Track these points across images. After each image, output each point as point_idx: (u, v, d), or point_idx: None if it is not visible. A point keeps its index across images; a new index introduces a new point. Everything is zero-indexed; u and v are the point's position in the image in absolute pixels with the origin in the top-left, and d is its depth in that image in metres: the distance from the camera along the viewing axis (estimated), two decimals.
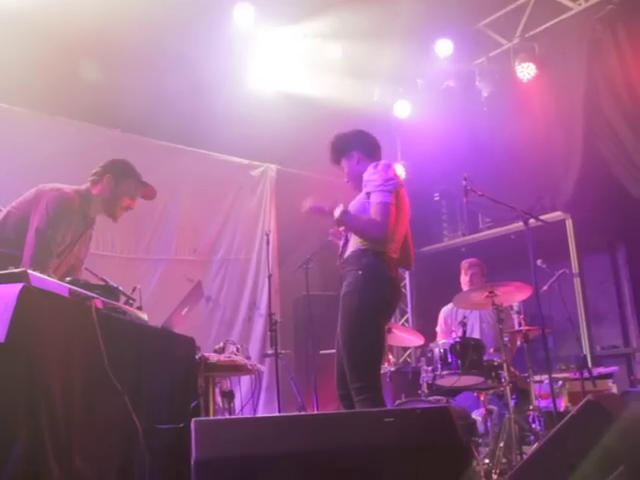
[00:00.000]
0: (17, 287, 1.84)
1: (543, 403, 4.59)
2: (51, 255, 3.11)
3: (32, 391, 1.81)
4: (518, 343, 4.97)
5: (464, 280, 5.26)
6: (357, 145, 3.54)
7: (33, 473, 1.75)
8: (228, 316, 6.33)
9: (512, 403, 4.17)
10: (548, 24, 6.21)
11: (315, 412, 4.55)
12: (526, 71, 6.26)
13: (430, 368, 4.39)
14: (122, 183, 3.41)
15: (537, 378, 4.57)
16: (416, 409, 2.11)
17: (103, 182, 3.39)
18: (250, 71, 6.27)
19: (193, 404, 2.81)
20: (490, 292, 4.42)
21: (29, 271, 1.96)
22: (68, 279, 2.41)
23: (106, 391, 2.16)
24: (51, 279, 2.11)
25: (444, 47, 6.60)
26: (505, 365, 4.29)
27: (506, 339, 4.50)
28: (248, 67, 6.25)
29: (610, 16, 5.64)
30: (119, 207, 3.43)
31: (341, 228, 3.44)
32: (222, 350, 3.50)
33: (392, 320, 5.20)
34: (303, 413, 4.32)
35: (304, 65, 6.25)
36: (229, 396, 3.89)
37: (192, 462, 1.75)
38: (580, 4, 5.93)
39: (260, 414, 5.09)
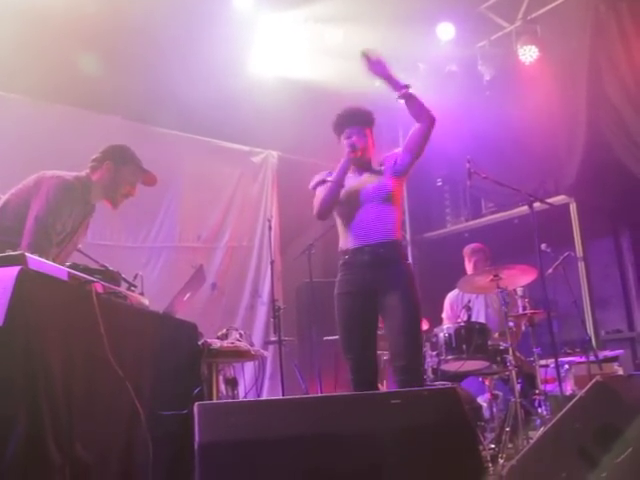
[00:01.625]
0: (15, 270, 1.81)
1: (549, 387, 4.57)
2: (50, 243, 3.07)
3: (32, 376, 1.78)
4: (523, 328, 4.95)
5: (468, 267, 5.22)
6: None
7: (34, 458, 1.73)
8: (231, 303, 6.31)
9: (518, 387, 4.15)
10: (550, 6, 6.13)
11: (318, 395, 4.53)
12: (528, 54, 6.20)
13: (435, 353, 4.38)
14: (122, 169, 3.35)
15: (543, 362, 4.55)
16: (423, 391, 2.08)
17: (103, 168, 3.33)
18: (251, 57, 6.20)
19: (196, 390, 2.79)
20: (495, 276, 4.39)
21: (27, 254, 1.92)
22: (67, 264, 2.37)
23: (107, 377, 2.13)
24: (49, 262, 2.07)
25: (446, 31, 6.52)
26: (510, 349, 4.26)
27: (511, 324, 4.47)
28: (249, 53, 6.18)
29: None
30: (119, 194, 3.37)
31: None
32: (225, 336, 3.48)
33: None
34: (306, 396, 4.29)
35: (305, 50, 6.19)
36: (232, 383, 3.86)
37: (195, 446, 1.72)
38: None
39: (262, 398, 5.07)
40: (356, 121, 3.45)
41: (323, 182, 3.42)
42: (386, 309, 3.26)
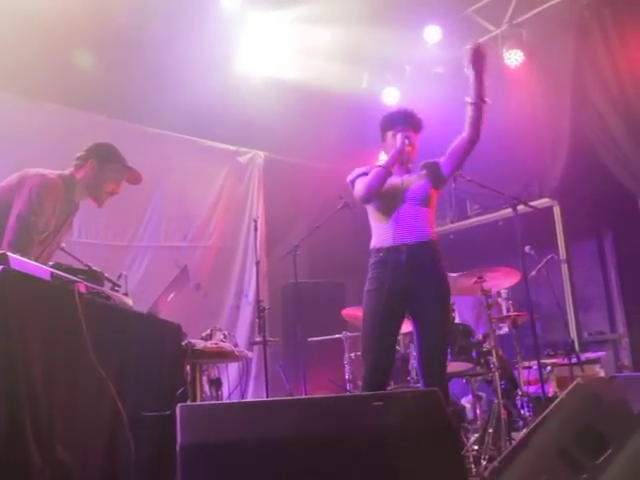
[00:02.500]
0: None
1: (532, 389, 4.60)
2: (32, 242, 3.05)
3: (12, 377, 1.77)
4: (506, 329, 4.98)
5: None
6: None
7: (14, 460, 1.71)
8: (215, 304, 6.28)
9: (501, 388, 4.18)
10: (536, 11, 6.17)
11: (302, 397, 4.54)
12: (514, 58, 6.24)
13: None
14: (106, 167, 3.34)
15: (525, 364, 4.59)
16: (406, 392, 2.09)
17: (87, 167, 3.31)
18: (238, 56, 6.18)
19: (179, 391, 2.78)
20: (479, 278, 4.42)
21: (9, 254, 1.91)
22: (50, 263, 2.36)
23: (90, 377, 2.12)
24: (32, 262, 2.06)
25: (432, 33, 6.54)
26: (494, 351, 4.29)
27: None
28: (235, 52, 6.16)
29: (597, 2, 5.63)
30: (104, 192, 3.36)
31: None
32: (209, 337, 3.47)
33: None
34: (290, 397, 4.30)
35: (292, 50, 6.19)
36: (216, 384, 3.85)
37: (177, 447, 1.72)
38: None
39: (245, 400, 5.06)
40: (410, 122, 3.47)
41: (364, 174, 3.40)
42: (420, 315, 3.25)
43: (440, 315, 3.23)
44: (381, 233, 3.33)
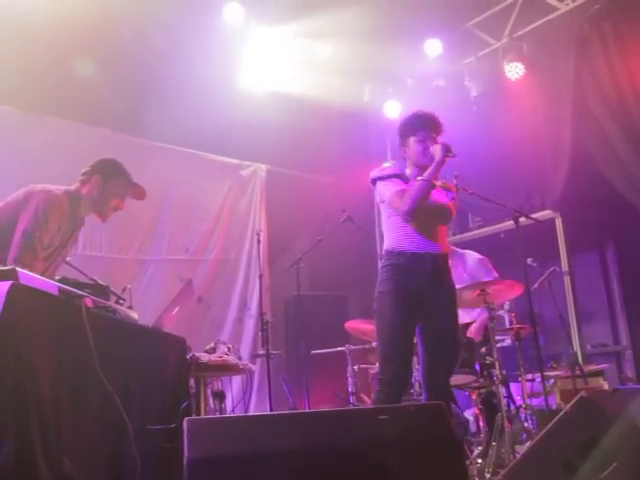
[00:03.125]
0: (6, 285, 1.81)
1: (535, 401, 4.60)
2: (36, 257, 3.07)
3: (21, 391, 1.78)
4: (509, 342, 4.98)
5: None
6: None
7: (23, 473, 1.72)
8: (218, 317, 6.29)
9: (504, 401, 4.17)
10: (536, 24, 6.23)
11: (308, 410, 4.53)
12: (514, 71, 6.28)
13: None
14: (111, 183, 3.36)
15: (529, 376, 4.58)
16: (410, 406, 2.10)
17: (92, 182, 3.34)
18: (240, 71, 6.25)
19: (184, 404, 2.79)
20: (481, 290, 4.42)
21: (17, 269, 1.93)
22: (57, 278, 2.38)
23: (96, 391, 2.13)
24: (40, 277, 2.08)
25: (433, 47, 6.61)
26: (497, 364, 4.28)
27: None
28: (238, 67, 6.23)
29: (597, 15, 5.68)
30: (108, 207, 3.38)
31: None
32: (213, 350, 3.48)
33: None
34: (296, 411, 4.29)
35: (294, 65, 6.24)
36: (220, 396, 3.86)
37: (184, 461, 1.73)
38: (567, 4, 5.96)
39: (252, 413, 5.06)
40: (433, 126, 3.37)
41: (397, 177, 3.31)
42: (432, 325, 3.19)
43: (452, 327, 3.24)
44: (404, 237, 3.25)
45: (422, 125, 3.34)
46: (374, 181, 3.38)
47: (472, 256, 5.10)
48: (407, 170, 3.42)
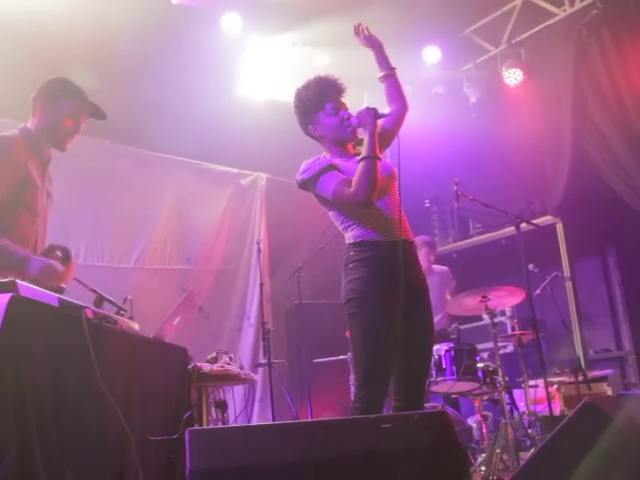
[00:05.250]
0: (5, 297, 1.81)
1: (538, 407, 4.58)
2: (19, 217, 2.82)
3: (22, 402, 1.77)
4: (512, 348, 4.96)
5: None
6: None
7: None
8: (216, 326, 6.27)
9: (508, 408, 4.16)
10: (534, 30, 6.26)
11: (311, 420, 4.52)
12: (513, 77, 6.30)
13: None
14: (59, 105, 2.95)
15: (532, 382, 4.57)
16: (414, 414, 2.08)
17: (37, 110, 2.93)
18: (239, 80, 6.26)
19: (186, 415, 2.77)
20: (483, 297, 4.42)
21: (17, 281, 1.92)
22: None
23: (98, 403, 2.12)
24: (40, 289, 2.07)
25: (432, 54, 6.63)
26: (500, 370, 4.28)
27: None
28: (237, 76, 6.24)
29: (595, 21, 5.70)
30: (63, 133, 2.97)
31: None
32: (215, 360, 3.46)
33: None
34: (299, 421, 4.28)
35: (293, 73, 6.25)
36: (222, 406, 3.84)
37: (187, 472, 1.72)
38: (565, 10, 5.98)
39: (254, 423, 5.04)
40: (339, 92, 2.98)
41: (331, 169, 2.81)
42: (410, 324, 2.70)
43: (429, 319, 2.83)
44: (369, 226, 2.78)
45: (327, 94, 2.93)
46: (304, 183, 2.93)
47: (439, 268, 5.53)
48: (325, 155, 2.95)
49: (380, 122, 2.88)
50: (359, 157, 2.78)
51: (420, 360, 2.79)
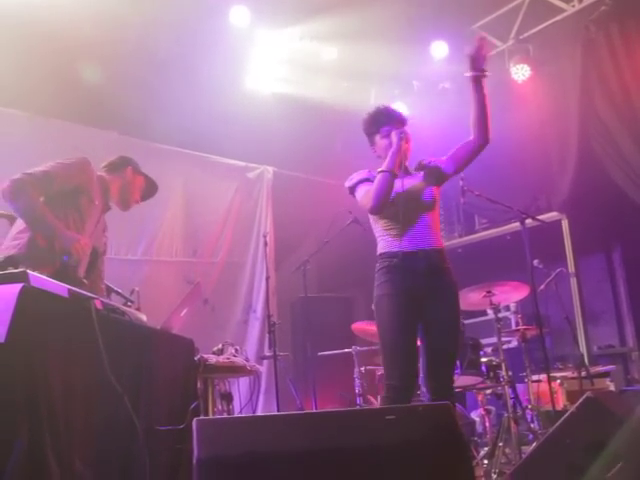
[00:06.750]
0: (17, 287, 1.84)
1: (541, 402, 4.60)
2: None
3: (33, 392, 1.81)
4: (515, 343, 4.98)
5: None
6: None
7: (34, 473, 1.75)
8: (222, 319, 6.30)
9: (511, 402, 4.18)
10: (542, 26, 6.22)
11: (315, 411, 4.55)
12: (521, 72, 6.28)
13: None
14: (139, 177, 3.59)
15: (535, 377, 4.59)
16: (418, 406, 2.11)
17: (125, 172, 3.53)
18: (247, 73, 6.27)
19: (193, 406, 2.81)
20: (488, 292, 4.44)
21: (28, 271, 1.96)
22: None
23: (106, 392, 2.15)
24: (50, 280, 2.10)
25: (439, 49, 6.61)
26: (503, 365, 4.30)
27: None
28: (245, 69, 6.25)
29: (603, 17, 5.67)
30: (132, 199, 3.56)
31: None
32: (221, 352, 3.50)
33: None
34: (304, 412, 4.31)
35: (300, 67, 6.27)
36: (228, 398, 3.88)
37: (194, 461, 1.75)
38: (574, 5, 5.95)
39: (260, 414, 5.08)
40: (396, 118, 3.28)
41: (367, 180, 3.21)
42: (432, 323, 3.08)
43: (453, 324, 3.11)
44: (392, 239, 3.16)
45: (385, 120, 3.27)
46: (351, 192, 3.31)
47: None
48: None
49: (442, 164, 3.29)
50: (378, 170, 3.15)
51: (444, 355, 3.09)
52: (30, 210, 3.00)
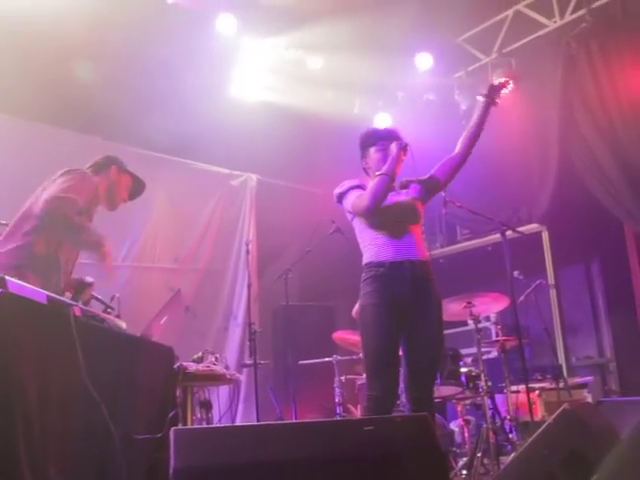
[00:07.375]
0: None
1: (520, 413, 4.63)
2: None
3: (7, 399, 1.79)
4: (495, 354, 5.02)
5: None
6: None
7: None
8: (203, 326, 6.26)
9: (490, 413, 4.21)
10: (525, 40, 6.31)
11: (294, 421, 4.54)
12: None
13: None
14: (125, 175, 3.60)
15: (514, 388, 4.62)
16: (396, 417, 2.12)
17: (110, 172, 3.54)
18: (232, 81, 6.28)
19: (171, 414, 2.79)
20: (468, 302, 4.47)
21: (7, 277, 1.94)
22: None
23: (83, 400, 2.13)
24: (29, 286, 2.09)
25: (424, 61, 6.67)
26: (482, 375, 4.32)
27: None
28: (230, 77, 6.26)
29: (584, 34, 5.76)
30: (119, 199, 3.56)
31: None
32: (200, 360, 3.48)
33: None
34: (283, 422, 4.30)
35: (285, 76, 6.28)
36: (207, 406, 3.86)
37: (171, 471, 1.74)
38: (555, 22, 6.04)
39: (239, 424, 5.05)
40: (394, 137, 3.35)
41: (357, 187, 3.30)
42: (416, 335, 3.12)
43: (436, 337, 3.14)
44: (380, 248, 3.20)
45: (383, 136, 3.38)
46: (339, 199, 3.36)
47: None
48: (371, 183, 3.33)
49: (436, 174, 3.45)
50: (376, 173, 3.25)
51: (425, 366, 3.15)
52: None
